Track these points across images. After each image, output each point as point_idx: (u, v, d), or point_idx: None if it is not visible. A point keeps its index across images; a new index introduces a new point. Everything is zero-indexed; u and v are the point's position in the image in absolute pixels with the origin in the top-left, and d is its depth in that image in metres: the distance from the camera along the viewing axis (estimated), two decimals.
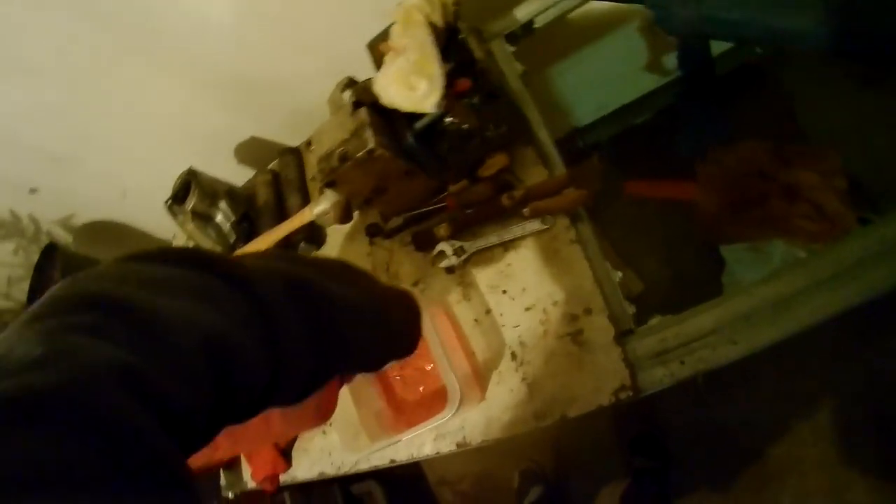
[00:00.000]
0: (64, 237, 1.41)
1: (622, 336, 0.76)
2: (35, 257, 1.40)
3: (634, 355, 0.75)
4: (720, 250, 1.16)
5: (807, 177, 1.05)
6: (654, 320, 0.78)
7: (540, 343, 0.80)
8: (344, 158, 0.81)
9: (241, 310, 0.33)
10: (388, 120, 0.84)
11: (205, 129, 1.17)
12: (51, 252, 1.28)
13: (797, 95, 1.13)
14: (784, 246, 1.09)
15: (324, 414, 0.55)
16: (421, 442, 0.86)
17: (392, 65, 0.82)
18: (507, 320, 0.83)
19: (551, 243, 0.83)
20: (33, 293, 1.29)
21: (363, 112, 0.82)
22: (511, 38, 1.00)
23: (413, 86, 0.79)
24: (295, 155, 1.15)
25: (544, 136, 0.90)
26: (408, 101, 0.81)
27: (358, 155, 0.79)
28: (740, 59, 1.15)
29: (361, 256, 1.01)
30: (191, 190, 1.08)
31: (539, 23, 1.00)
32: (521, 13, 0.98)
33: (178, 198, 1.10)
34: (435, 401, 0.89)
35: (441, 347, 0.76)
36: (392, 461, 0.89)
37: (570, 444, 1.45)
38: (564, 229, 0.82)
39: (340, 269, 0.48)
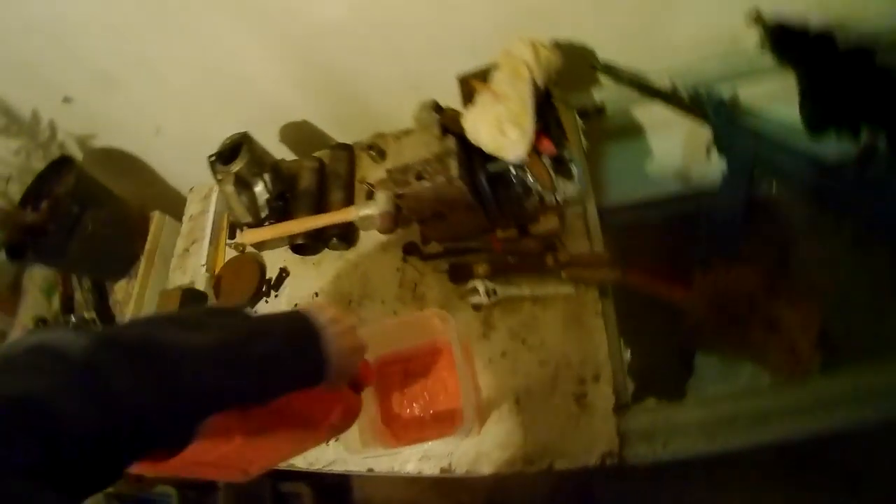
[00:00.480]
0: (76, 153, 1.38)
1: (620, 408, 0.84)
2: (36, 163, 1.38)
3: (626, 427, 0.83)
4: (696, 354, 1.29)
5: (789, 316, 1.20)
6: (650, 402, 0.88)
7: (545, 396, 0.87)
8: (420, 177, 0.88)
9: (64, 377, 0.38)
10: (468, 154, 0.92)
11: (268, 99, 1.21)
12: (63, 165, 1.27)
13: (797, 236, 1.29)
14: (752, 369, 1.23)
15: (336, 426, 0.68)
16: (406, 458, 0.91)
17: (489, 107, 0.90)
18: (519, 367, 0.91)
19: (578, 310, 0.91)
20: (29, 198, 1.27)
21: (451, 141, 0.89)
22: (582, 114, 1.11)
23: (504, 132, 0.88)
24: (348, 152, 1.20)
25: (592, 210, 1.00)
26: (494, 144, 0.89)
27: (437, 178, 0.86)
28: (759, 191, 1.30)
29: (390, 269, 1.06)
30: (240, 153, 1.10)
31: (610, 108, 1.11)
32: (599, 95, 1.10)
33: (224, 157, 1.13)
34: (427, 422, 0.94)
35: (466, 373, 0.82)
36: (370, 470, 0.93)
37: (503, 495, 1.51)
38: (592, 300, 0.91)
39: (204, 316, 0.53)
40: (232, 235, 1.27)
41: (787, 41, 1.00)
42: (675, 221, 1.43)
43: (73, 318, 1.37)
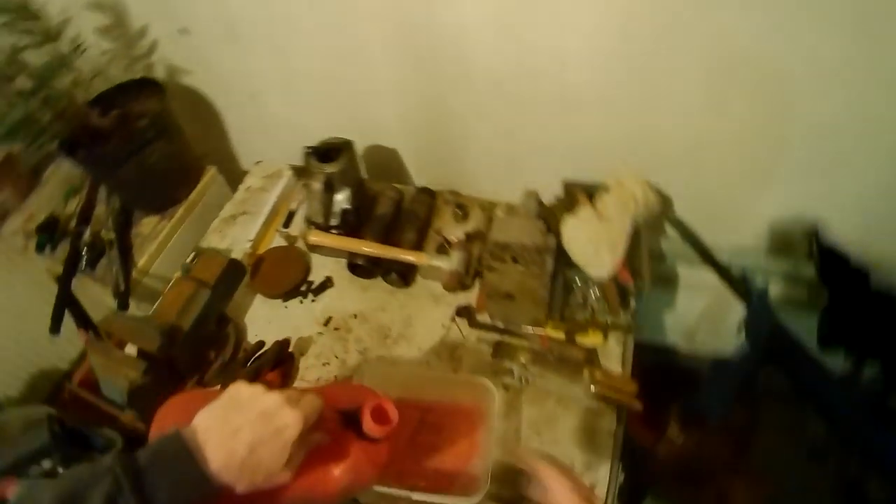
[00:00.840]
0: (160, 76, 1.39)
1: None
2: (115, 71, 1.39)
3: None
4: (646, 496, 1.41)
5: (739, 497, 1.36)
6: None
7: None
8: (515, 259, 0.97)
9: None
10: (558, 254, 1.02)
11: (372, 116, 1.28)
12: (147, 86, 1.31)
13: (770, 426, 1.46)
14: None
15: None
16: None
17: (591, 223, 1.02)
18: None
19: (594, 424, 1.02)
20: (101, 101, 1.28)
21: (553, 240, 1.00)
22: None
23: (598, 251, 0.99)
24: (431, 198, 1.28)
25: (630, 342, 1.12)
26: (585, 257, 1.00)
27: (531, 267, 0.96)
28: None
29: (436, 322, 1.14)
30: (339, 158, 1.16)
31: (668, 257, 1.26)
32: (665, 244, 1.24)
33: (319, 154, 1.18)
34: (428, 473, 1.00)
35: (489, 442, 0.90)
36: None
37: None
38: (609, 420, 1.02)
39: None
40: (286, 224, 1.31)
41: (829, 262, 1.18)
42: (669, 370, 1.58)
43: (86, 231, 1.35)
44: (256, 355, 1.10)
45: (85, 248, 1.33)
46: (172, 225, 1.36)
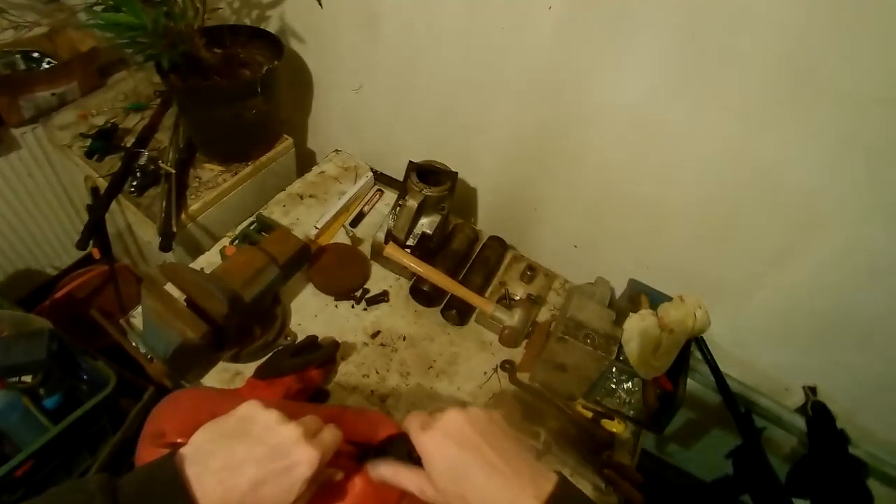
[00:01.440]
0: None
1: None
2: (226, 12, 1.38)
3: None
4: None
5: None
6: None
7: None
8: (586, 339, 1.07)
9: None
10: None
11: (471, 149, 1.35)
12: (261, 37, 1.33)
13: None
14: None
15: None
16: None
17: (652, 329, 1.13)
18: None
19: (601, 500, 1.12)
20: (205, 35, 1.27)
21: (620, 332, 1.10)
22: None
23: (652, 355, 1.11)
24: (503, 248, 1.36)
25: (641, 439, 1.24)
26: (638, 357, 1.12)
27: (597, 352, 1.06)
28: None
29: (479, 367, 1.21)
30: (441, 183, 1.22)
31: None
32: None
33: (419, 170, 1.24)
34: None
35: None
36: None
37: None
38: (613, 502, 1.13)
39: None
40: (354, 223, 1.35)
41: (817, 419, 1.36)
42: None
43: (144, 154, 1.33)
44: (304, 347, 1.12)
45: (139, 171, 1.31)
46: (235, 181, 1.36)
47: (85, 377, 1.30)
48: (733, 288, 1.26)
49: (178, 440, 0.54)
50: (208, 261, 1.22)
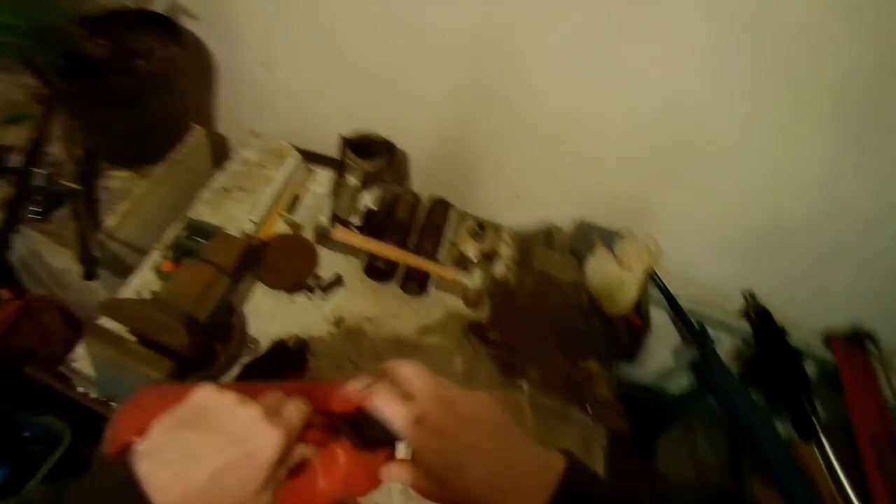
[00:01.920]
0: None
1: None
2: None
3: None
4: None
5: None
6: None
7: None
8: (559, 290, 1.11)
9: None
10: None
11: (395, 114, 1.32)
12: (157, 22, 1.23)
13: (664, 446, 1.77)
14: None
15: None
16: None
17: (613, 267, 1.19)
18: None
19: (590, 437, 1.19)
20: (90, 24, 1.14)
21: (584, 276, 1.15)
22: None
23: (619, 292, 1.17)
24: (446, 209, 1.35)
25: (615, 371, 1.31)
26: (605, 296, 1.18)
27: (571, 300, 1.11)
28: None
29: (449, 335, 1.22)
30: (379, 156, 1.19)
31: None
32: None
33: (353, 145, 1.20)
34: None
35: None
36: None
37: None
38: (601, 436, 1.20)
39: None
40: (290, 210, 1.29)
41: (759, 319, 1.50)
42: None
43: (39, 173, 1.19)
44: (274, 356, 1.09)
45: (37, 193, 1.18)
46: (150, 185, 1.25)
47: (31, 436, 1.20)
48: (674, 212, 1.33)
49: (135, 438, 0.49)
50: (143, 281, 1.14)
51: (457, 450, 0.50)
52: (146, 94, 1.14)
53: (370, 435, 0.55)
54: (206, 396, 0.50)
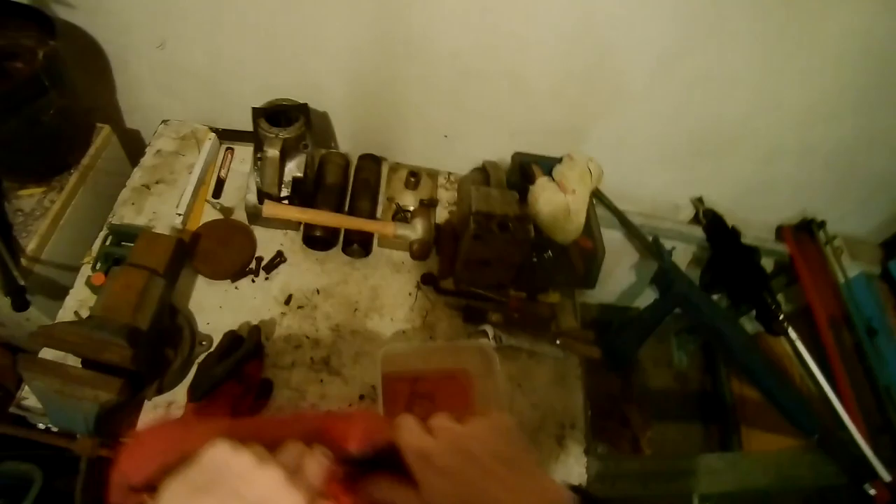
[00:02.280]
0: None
1: (587, 452, 1.15)
2: None
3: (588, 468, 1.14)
4: None
5: (634, 417, 1.69)
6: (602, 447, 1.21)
7: (534, 432, 1.13)
8: (503, 228, 1.09)
9: None
10: None
11: (309, 76, 1.27)
12: (23, 13, 1.11)
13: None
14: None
15: None
16: None
17: (556, 194, 1.18)
18: (514, 406, 1.15)
19: (564, 370, 1.21)
20: None
21: (528, 208, 1.14)
22: None
23: (567, 220, 1.17)
24: (377, 164, 1.32)
25: (579, 298, 1.32)
26: (553, 225, 1.18)
27: (517, 234, 1.09)
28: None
29: (402, 291, 1.22)
30: (296, 123, 1.14)
31: None
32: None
33: (267, 114, 1.15)
34: None
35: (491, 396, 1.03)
36: None
37: None
38: (574, 366, 1.22)
39: None
40: (216, 194, 1.24)
41: (711, 223, 1.52)
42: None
43: None
44: (228, 347, 1.05)
45: None
46: (64, 198, 1.18)
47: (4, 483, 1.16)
48: (613, 129, 1.33)
49: (144, 484, 0.47)
50: (79, 298, 1.09)
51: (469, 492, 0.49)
52: (31, 98, 1.06)
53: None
54: (220, 456, 0.46)
